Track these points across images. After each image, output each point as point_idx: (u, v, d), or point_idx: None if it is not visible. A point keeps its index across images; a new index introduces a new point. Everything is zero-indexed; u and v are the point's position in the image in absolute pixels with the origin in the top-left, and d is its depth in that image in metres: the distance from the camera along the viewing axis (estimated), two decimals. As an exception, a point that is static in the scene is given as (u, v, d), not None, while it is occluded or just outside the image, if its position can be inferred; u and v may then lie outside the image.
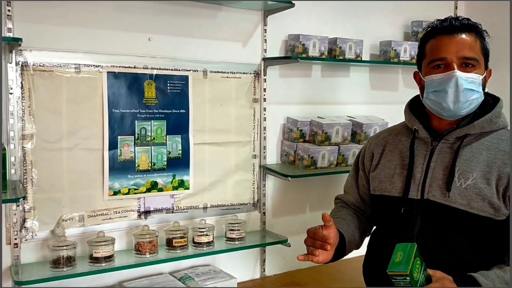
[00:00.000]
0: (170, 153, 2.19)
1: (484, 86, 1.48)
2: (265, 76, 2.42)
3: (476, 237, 1.42)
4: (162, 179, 2.18)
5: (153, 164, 2.15)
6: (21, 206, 1.90)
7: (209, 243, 2.16)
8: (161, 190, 2.18)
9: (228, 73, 2.31)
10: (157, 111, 2.14)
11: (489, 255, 1.42)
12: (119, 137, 2.07)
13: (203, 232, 2.16)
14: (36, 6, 1.89)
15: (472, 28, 1.46)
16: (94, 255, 1.93)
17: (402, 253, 1.27)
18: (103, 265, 1.93)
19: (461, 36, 1.44)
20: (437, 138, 1.51)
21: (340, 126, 2.46)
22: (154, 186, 2.16)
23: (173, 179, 2.20)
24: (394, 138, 1.63)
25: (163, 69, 2.15)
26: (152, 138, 2.14)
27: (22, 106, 1.88)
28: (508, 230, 1.40)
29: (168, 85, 2.17)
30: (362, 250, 1.69)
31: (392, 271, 1.24)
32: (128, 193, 2.10)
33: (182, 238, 2.11)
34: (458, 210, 1.42)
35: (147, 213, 2.17)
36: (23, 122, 1.89)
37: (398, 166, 1.57)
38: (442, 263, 1.37)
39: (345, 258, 1.60)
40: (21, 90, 1.88)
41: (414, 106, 1.61)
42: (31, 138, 1.90)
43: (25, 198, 1.86)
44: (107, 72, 2.03)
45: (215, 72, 2.28)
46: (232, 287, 2.14)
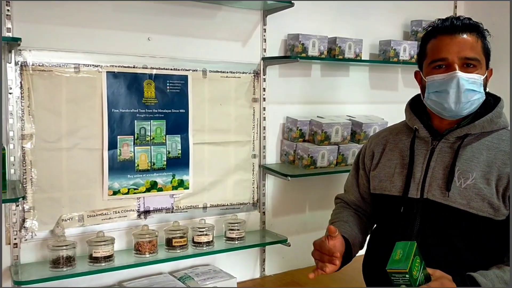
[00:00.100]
0: (169, 153, 2.19)
1: (485, 86, 1.47)
2: (264, 75, 2.41)
3: (475, 237, 1.42)
4: (161, 179, 2.17)
5: (152, 164, 2.15)
6: (20, 206, 1.90)
7: (208, 243, 2.16)
8: (160, 190, 2.18)
9: (227, 72, 2.31)
10: (156, 111, 2.14)
11: (488, 255, 1.42)
12: (119, 137, 2.07)
13: (203, 232, 2.15)
14: (35, 6, 1.88)
15: (473, 28, 1.45)
16: (94, 255, 1.93)
17: (401, 251, 1.27)
18: (103, 265, 1.93)
19: (462, 36, 1.44)
20: (437, 137, 1.51)
21: (339, 125, 2.46)
22: (153, 186, 2.16)
23: (172, 179, 2.20)
24: (394, 137, 1.63)
25: (163, 68, 2.15)
26: (151, 138, 2.14)
27: (22, 106, 1.88)
28: (507, 230, 1.39)
29: (167, 84, 2.16)
30: (362, 250, 1.69)
31: (391, 269, 1.24)
32: (127, 193, 2.10)
33: (181, 238, 2.11)
34: (457, 210, 1.42)
35: (147, 213, 2.16)
36: (23, 122, 1.88)
37: (398, 165, 1.57)
38: (442, 263, 1.36)
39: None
40: (20, 90, 1.87)
41: (415, 105, 1.61)
42: (31, 138, 1.90)
43: (24, 198, 1.86)
44: (107, 72, 2.03)
45: (215, 71, 2.28)
46: (232, 287, 2.14)
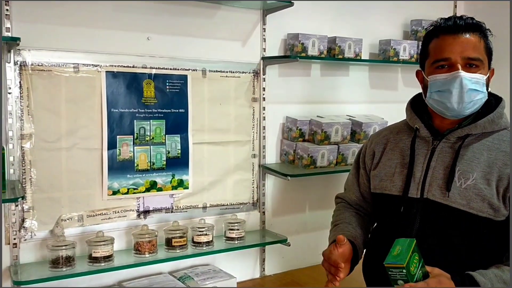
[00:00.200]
0: (169, 152, 2.18)
1: (487, 85, 1.47)
2: (264, 75, 2.41)
3: (475, 237, 1.42)
4: (161, 179, 2.17)
5: (152, 163, 2.14)
6: (20, 206, 1.90)
7: (208, 243, 2.16)
8: (160, 189, 2.17)
9: (227, 72, 2.31)
10: (156, 111, 2.14)
11: (488, 256, 1.42)
12: (118, 136, 2.06)
13: (203, 231, 2.15)
14: (34, 5, 1.88)
15: (476, 27, 1.45)
16: (93, 255, 1.92)
17: (400, 247, 1.28)
18: (102, 265, 1.93)
19: (465, 36, 1.43)
20: (438, 137, 1.51)
21: (339, 125, 2.46)
22: (153, 186, 2.15)
23: (172, 179, 2.20)
24: (395, 137, 1.63)
25: (162, 68, 2.15)
26: (151, 137, 2.14)
27: (21, 105, 1.88)
28: (507, 231, 1.39)
29: (167, 84, 2.16)
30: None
31: (389, 263, 1.25)
32: (127, 192, 2.10)
33: (181, 237, 2.10)
34: (457, 210, 1.42)
35: (146, 212, 2.16)
36: (22, 122, 1.88)
37: (398, 164, 1.56)
38: (441, 263, 1.36)
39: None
40: (19, 90, 1.87)
41: (416, 104, 1.60)
42: (30, 138, 1.90)
43: (24, 198, 1.86)
44: (106, 71, 2.02)
45: (214, 71, 2.28)
46: (231, 287, 2.14)
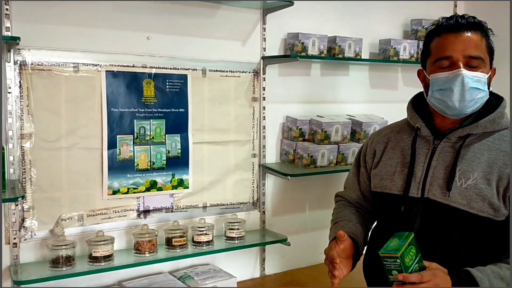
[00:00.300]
0: (169, 152, 2.18)
1: (489, 84, 1.47)
2: (264, 74, 2.41)
3: (475, 237, 1.42)
4: (161, 178, 2.17)
5: (152, 163, 2.14)
6: (20, 205, 1.90)
7: (208, 242, 2.16)
8: (160, 189, 2.17)
9: (227, 72, 2.31)
10: (156, 110, 2.14)
11: (488, 256, 1.42)
12: (118, 136, 2.06)
13: (203, 231, 2.15)
14: (34, 5, 1.88)
15: (478, 26, 1.45)
16: (94, 255, 1.92)
17: (397, 239, 1.32)
18: (103, 264, 1.93)
19: (467, 34, 1.43)
20: (439, 136, 1.51)
21: (339, 124, 2.46)
22: (153, 186, 2.15)
23: (172, 178, 2.20)
24: (396, 136, 1.63)
25: (162, 68, 2.15)
26: (151, 137, 2.14)
27: (21, 105, 1.88)
28: (507, 231, 1.39)
29: (167, 84, 2.16)
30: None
31: (383, 253, 1.29)
32: (127, 192, 2.10)
33: (181, 237, 2.10)
34: (457, 209, 1.42)
35: (147, 212, 2.16)
36: (22, 122, 1.88)
37: (399, 164, 1.56)
38: (441, 262, 1.36)
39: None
40: (19, 89, 1.87)
41: (417, 104, 1.60)
42: (30, 138, 1.90)
43: (24, 197, 1.86)
44: (106, 71, 2.02)
45: (214, 71, 2.27)
46: (232, 287, 2.14)
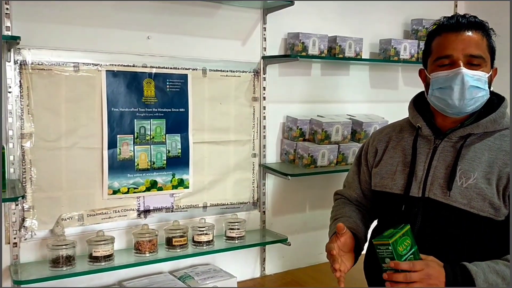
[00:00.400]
0: (169, 152, 2.18)
1: (490, 84, 1.47)
2: (264, 74, 2.41)
3: (476, 237, 1.42)
4: (161, 178, 2.17)
5: (152, 163, 2.14)
6: (20, 205, 1.90)
7: (208, 242, 2.15)
8: (160, 189, 2.17)
9: (227, 71, 2.31)
10: (156, 110, 2.14)
11: (488, 256, 1.41)
12: (118, 136, 2.06)
13: (203, 231, 2.15)
14: (34, 4, 1.88)
15: (479, 25, 1.45)
16: (94, 254, 1.92)
17: (393, 230, 1.35)
18: (103, 264, 1.92)
19: (467, 33, 1.43)
20: (440, 136, 1.51)
21: (340, 124, 2.46)
22: (153, 185, 2.15)
23: (172, 178, 2.20)
24: (397, 135, 1.63)
25: (162, 67, 2.14)
26: (151, 137, 2.13)
27: (21, 105, 1.87)
28: (508, 231, 1.39)
29: (167, 83, 2.16)
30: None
31: (376, 241, 1.33)
32: (127, 192, 2.10)
33: (181, 237, 2.10)
34: (458, 209, 1.42)
35: (147, 212, 2.16)
36: (22, 121, 1.88)
37: (400, 163, 1.57)
38: (442, 261, 1.36)
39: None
40: (19, 89, 1.87)
41: (419, 103, 1.60)
42: (30, 137, 1.90)
43: (24, 197, 1.85)
44: (106, 70, 2.02)
45: (215, 70, 2.27)
46: (232, 287, 2.14)
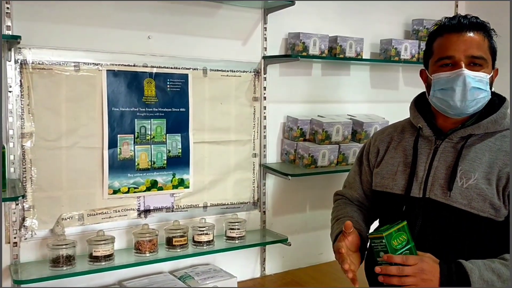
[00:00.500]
0: (170, 151, 2.18)
1: (491, 85, 1.47)
2: (265, 74, 2.41)
3: (476, 237, 1.42)
4: (162, 178, 2.17)
5: (153, 162, 2.14)
6: (20, 204, 1.90)
7: (209, 242, 2.15)
8: (161, 189, 2.17)
9: (228, 71, 2.31)
10: (156, 110, 2.14)
11: (489, 256, 1.41)
12: (119, 135, 2.06)
13: (203, 231, 2.15)
14: (35, 4, 1.88)
15: (480, 26, 1.45)
16: (94, 254, 1.92)
17: (390, 225, 1.37)
18: (103, 264, 1.92)
19: (469, 34, 1.43)
20: (441, 137, 1.51)
21: (340, 124, 2.46)
22: (154, 185, 2.15)
23: (173, 178, 2.20)
24: (399, 135, 1.63)
25: (163, 67, 2.14)
26: (152, 136, 2.13)
27: (21, 104, 1.87)
28: (508, 231, 1.39)
29: (167, 83, 2.16)
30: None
31: (371, 234, 1.37)
32: (127, 192, 2.09)
33: (182, 237, 2.10)
34: (458, 209, 1.41)
35: (147, 212, 2.16)
36: (22, 121, 1.88)
37: (401, 163, 1.56)
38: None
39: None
40: (20, 88, 1.87)
41: (420, 103, 1.60)
42: (30, 137, 1.90)
43: (24, 196, 1.86)
44: (107, 70, 2.02)
45: (215, 70, 2.27)
46: (232, 287, 2.14)
